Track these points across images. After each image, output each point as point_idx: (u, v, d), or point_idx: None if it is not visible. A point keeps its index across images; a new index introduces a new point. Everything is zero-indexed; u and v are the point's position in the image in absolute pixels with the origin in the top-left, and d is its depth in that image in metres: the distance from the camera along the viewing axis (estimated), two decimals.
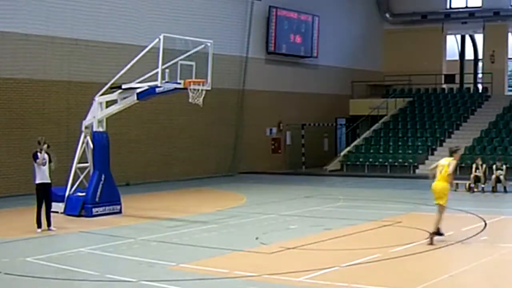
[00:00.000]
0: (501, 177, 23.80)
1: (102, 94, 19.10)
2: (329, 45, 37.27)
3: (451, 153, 14.75)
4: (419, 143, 33.88)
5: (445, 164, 14.34)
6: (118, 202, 18.97)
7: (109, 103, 19.11)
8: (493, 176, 23.93)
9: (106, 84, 19.21)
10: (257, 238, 14.71)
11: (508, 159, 28.41)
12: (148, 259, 12.59)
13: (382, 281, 10.81)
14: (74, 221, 17.70)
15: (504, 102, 36.15)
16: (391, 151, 33.84)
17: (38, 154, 16.26)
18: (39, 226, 15.85)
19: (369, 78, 39.88)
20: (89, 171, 19.21)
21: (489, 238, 14.54)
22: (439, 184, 14.39)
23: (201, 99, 17.76)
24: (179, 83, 17.60)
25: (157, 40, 17.56)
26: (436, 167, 14.54)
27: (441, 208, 14.33)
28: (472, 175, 24.30)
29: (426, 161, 32.61)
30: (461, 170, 30.13)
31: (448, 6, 40.16)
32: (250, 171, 32.52)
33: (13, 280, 11.04)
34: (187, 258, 12.75)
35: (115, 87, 18.93)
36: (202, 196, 24.26)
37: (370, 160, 33.31)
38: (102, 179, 18.63)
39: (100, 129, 19.02)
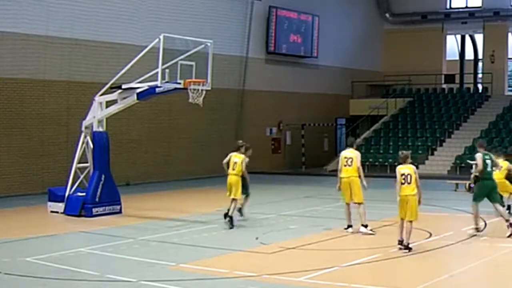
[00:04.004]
0: None
1: (102, 94, 19.09)
2: (329, 45, 37.26)
3: (239, 148, 17.16)
4: (419, 143, 33.88)
5: (237, 161, 16.76)
6: (118, 202, 18.96)
7: (109, 103, 19.09)
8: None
9: (106, 84, 19.20)
10: (257, 238, 14.71)
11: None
12: (148, 259, 12.60)
13: (382, 281, 10.82)
14: (74, 221, 17.70)
15: (504, 102, 36.15)
16: (391, 151, 33.81)
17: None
18: None
19: (369, 78, 39.88)
20: (89, 171, 19.20)
21: (489, 238, 14.53)
22: (234, 178, 16.68)
23: (201, 99, 17.76)
24: (179, 83, 17.60)
25: (157, 40, 17.55)
26: (229, 161, 16.83)
27: (236, 201, 16.58)
28: (472, 175, 24.23)
29: (426, 161, 32.65)
30: (461, 170, 30.21)
31: (448, 6, 40.15)
32: (250, 171, 32.43)
33: (13, 280, 11.04)
34: (187, 258, 12.76)
35: (115, 87, 18.92)
36: (202, 196, 24.26)
37: (370, 160, 33.30)
38: (102, 179, 18.62)
39: (100, 129, 19.01)
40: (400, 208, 13.35)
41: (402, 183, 13.30)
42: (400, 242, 13.25)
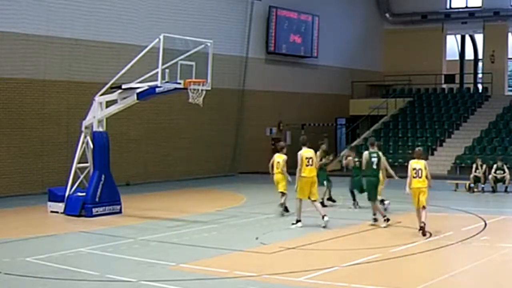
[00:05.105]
0: (507, 177, 23.72)
1: (102, 94, 19.09)
2: (329, 45, 37.26)
3: (281, 149, 18.65)
4: (419, 143, 33.83)
5: (279, 160, 18.27)
6: (118, 202, 18.96)
7: (109, 103, 19.09)
8: (490, 176, 23.91)
9: (106, 84, 19.20)
10: (257, 238, 14.71)
11: (508, 159, 28.39)
12: (148, 259, 12.60)
13: (382, 281, 10.82)
14: (74, 221, 17.70)
15: (504, 102, 36.15)
16: (391, 151, 33.81)
17: None
18: None
19: (369, 78, 39.88)
20: (89, 171, 19.20)
21: (489, 238, 14.54)
22: (278, 175, 18.35)
23: (201, 99, 17.77)
24: (179, 83, 17.60)
25: (157, 40, 17.55)
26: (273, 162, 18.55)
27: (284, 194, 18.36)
28: (472, 175, 24.31)
29: (427, 161, 32.59)
30: (461, 170, 30.22)
31: (448, 6, 40.16)
32: (250, 171, 32.51)
33: (13, 280, 11.04)
34: (187, 258, 12.75)
35: (115, 87, 18.92)
36: (202, 196, 24.27)
37: None
38: (102, 179, 18.62)
39: (100, 129, 19.01)
40: (414, 199, 14.78)
41: (414, 177, 14.77)
42: (422, 228, 14.62)
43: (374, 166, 16.19)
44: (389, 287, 10.46)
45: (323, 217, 16.16)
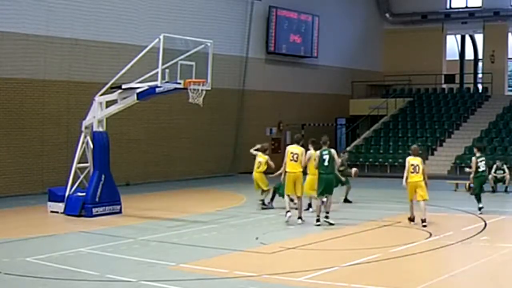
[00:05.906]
0: (507, 177, 23.69)
1: (102, 94, 19.09)
2: (329, 45, 37.26)
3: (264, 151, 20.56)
4: (419, 143, 33.83)
5: (261, 160, 19.94)
6: (118, 202, 18.96)
7: (109, 103, 19.09)
8: (490, 176, 23.89)
9: (106, 84, 19.19)
10: (257, 238, 14.72)
11: (508, 159, 28.40)
12: (148, 259, 12.60)
13: (382, 281, 10.82)
14: (74, 221, 17.70)
15: (504, 102, 36.16)
16: (391, 151, 33.83)
17: None
18: None
19: (369, 78, 39.88)
20: (89, 171, 19.20)
21: (489, 238, 14.54)
22: (257, 175, 19.78)
23: (201, 99, 17.77)
24: (179, 83, 17.60)
25: (157, 40, 17.55)
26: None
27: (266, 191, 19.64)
28: (471, 175, 24.24)
29: (426, 161, 32.55)
30: (461, 170, 30.21)
31: (448, 6, 40.16)
32: (250, 171, 32.42)
33: (13, 280, 11.04)
34: (187, 258, 12.76)
35: (115, 87, 18.92)
36: (202, 196, 24.27)
37: (370, 160, 33.30)
38: (102, 179, 18.61)
39: (100, 129, 19.01)
40: (410, 193, 16.16)
41: (412, 172, 16.11)
42: (411, 219, 16.21)
43: (326, 164, 16.28)
44: (389, 287, 10.46)
45: (298, 218, 16.64)
